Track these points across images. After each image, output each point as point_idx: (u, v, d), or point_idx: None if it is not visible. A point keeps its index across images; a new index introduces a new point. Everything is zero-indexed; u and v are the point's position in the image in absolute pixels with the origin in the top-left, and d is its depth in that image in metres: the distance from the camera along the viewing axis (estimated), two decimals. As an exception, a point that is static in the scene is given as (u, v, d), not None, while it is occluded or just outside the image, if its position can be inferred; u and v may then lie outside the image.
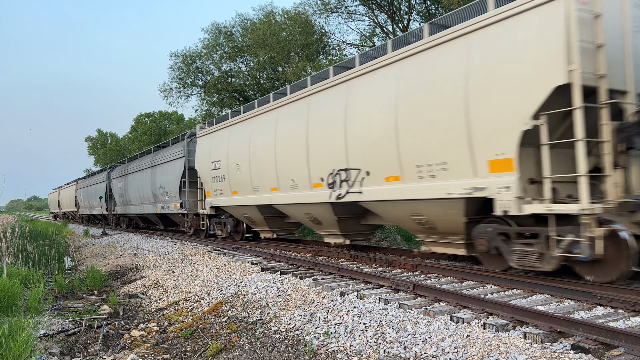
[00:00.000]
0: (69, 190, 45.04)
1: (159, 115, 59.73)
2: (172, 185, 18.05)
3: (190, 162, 16.88)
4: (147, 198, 21.41)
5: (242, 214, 13.77)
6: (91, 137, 69.99)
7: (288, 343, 5.54)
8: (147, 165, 21.52)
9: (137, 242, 18.66)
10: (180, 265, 11.68)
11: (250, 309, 7.10)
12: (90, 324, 7.48)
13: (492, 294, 6.30)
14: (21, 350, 5.13)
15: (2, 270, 9.14)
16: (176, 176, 17.63)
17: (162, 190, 19.12)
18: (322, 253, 11.05)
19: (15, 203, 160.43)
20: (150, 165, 20.87)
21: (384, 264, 9.03)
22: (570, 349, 4.08)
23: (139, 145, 55.16)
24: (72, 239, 24.90)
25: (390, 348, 4.76)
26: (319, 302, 6.50)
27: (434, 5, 21.32)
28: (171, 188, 18.10)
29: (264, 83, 28.23)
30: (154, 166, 20.44)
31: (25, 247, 13.88)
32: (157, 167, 19.88)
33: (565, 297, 5.82)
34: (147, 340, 6.84)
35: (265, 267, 9.41)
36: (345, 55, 25.48)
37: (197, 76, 30.25)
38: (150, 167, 20.86)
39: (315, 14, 24.42)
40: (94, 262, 15.09)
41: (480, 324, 4.89)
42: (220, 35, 28.54)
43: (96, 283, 10.85)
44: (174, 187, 17.73)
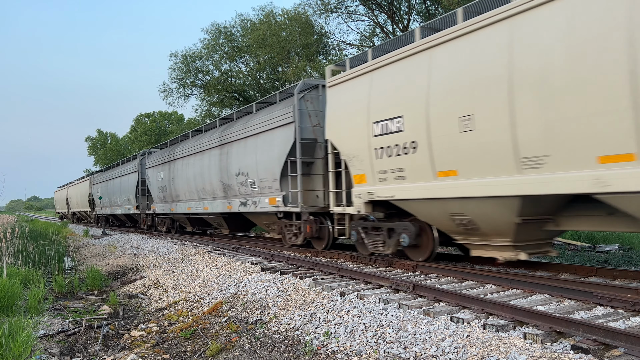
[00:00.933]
0: (80, 187, 38.76)
1: (159, 116, 59.76)
2: (266, 169, 11.97)
3: (302, 130, 10.92)
4: (210, 191, 15.55)
5: (451, 215, 7.52)
6: (91, 137, 70.02)
7: (288, 343, 5.54)
8: (211, 144, 15.39)
9: (137, 242, 18.66)
10: (180, 266, 11.68)
11: (250, 309, 7.10)
12: (90, 324, 7.48)
13: (492, 294, 6.30)
14: (21, 351, 5.13)
15: (2, 270, 9.14)
16: (277, 155, 11.48)
17: (244, 178, 13.18)
18: (322, 253, 11.04)
19: (15, 203, 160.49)
20: (219, 143, 14.78)
21: (384, 264, 9.03)
22: (570, 349, 4.08)
23: (139, 145, 55.13)
24: (72, 239, 24.90)
25: (390, 348, 4.76)
26: (319, 302, 6.50)
27: (434, 6, 21.32)
28: (265, 174, 12.10)
29: (264, 83, 28.24)
30: (226, 144, 14.34)
31: (25, 247, 13.87)
32: (234, 145, 13.77)
33: (565, 297, 5.82)
34: (147, 340, 6.83)
35: (265, 267, 9.41)
36: (345, 55, 25.48)
37: (197, 76, 30.26)
38: (219, 147, 14.82)
39: (315, 14, 24.44)
40: (94, 262, 15.09)
41: (480, 324, 4.89)
42: (220, 35, 28.56)
43: (96, 283, 10.85)
44: (270, 171, 11.77)
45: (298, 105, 10.86)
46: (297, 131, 10.78)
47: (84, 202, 37.20)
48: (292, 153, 11.01)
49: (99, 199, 32.30)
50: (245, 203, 13.29)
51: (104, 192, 30.06)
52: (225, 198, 14.56)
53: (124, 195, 25.43)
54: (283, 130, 11.31)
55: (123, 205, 26.01)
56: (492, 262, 8.47)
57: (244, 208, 13.41)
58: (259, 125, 12.52)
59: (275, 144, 11.64)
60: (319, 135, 10.89)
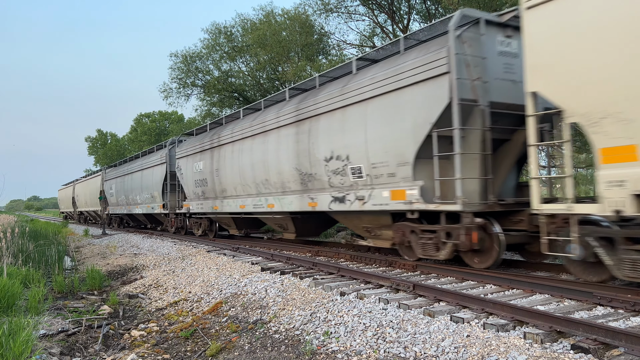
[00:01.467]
0: (90, 184, 34.97)
1: (159, 115, 59.76)
2: (387, 149, 8.44)
3: (462, 86, 7.42)
4: (278, 183, 11.79)
5: None
6: (91, 137, 69.99)
7: (288, 343, 5.54)
8: (280, 121, 11.64)
9: (137, 242, 18.65)
10: (180, 265, 11.68)
11: (250, 309, 7.10)
12: (90, 324, 7.48)
13: (492, 294, 6.30)
14: (21, 350, 5.13)
15: (2, 270, 9.14)
16: (410, 126, 8.04)
17: (340, 164, 9.58)
18: (322, 253, 11.05)
19: (15, 203, 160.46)
20: (295, 119, 11.06)
21: (384, 264, 9.03)
22: (570, 349, 4.08)
23: (138, 145, 55.12)
24: (72, 238, 24.90)
25: (390, 348, 4.76)
26: (319, 302, 6.50)
27: (434, 6, 21.32)
28: (383, 156, 8.55)
29: (264, 83, 28.24)
30: (307, 119, 10.63)
31: (25, 247, 13.87)
32: (322, 119, 10.10)
33: (565, 297, 5.82)
34: (147, 340, 6.83)
35: (265, 267, 9.41)
36: (345, 55, 25.49)
37: (197, 76, 30.25)
38: (294, 124, 11.09)
39: (315, 14, 24.42)
40: (94, 262, 15.09)
41: (480, 324, 4.89)
42: (220, 35, 28.54)
43: (96, 283, 10.85)
44: (395, 152, 8.28)
45: (455, 48, 7.25)
46: (456, 87, 7.17)
47: (93, 201, 33.32)
48: (443, 122, 7.47)
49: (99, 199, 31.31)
50: (342, 199, 9.60)
51: (119, 189, 26.12)
52: (303, 192, 10.91)
53: (146, 192, 21.61)
54: (425, 87, 7.70)
55: (144, 203, 22.02)
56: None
57: (339, 205, 9.67)
58: (373, 85, 8.68)
59: (407, 109, 8.03)
60: (480, 94, 7.43)
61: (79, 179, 41.34)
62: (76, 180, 42.57)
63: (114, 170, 28.65)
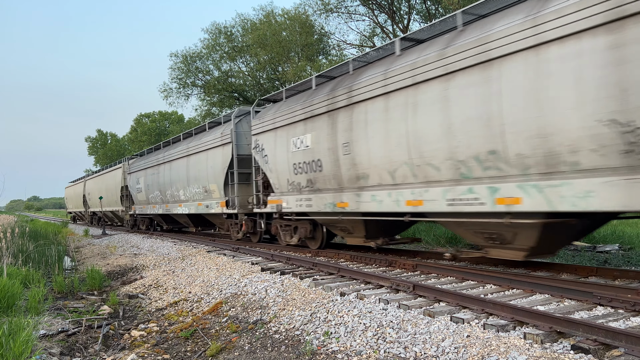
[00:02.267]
0: (106, 179, 29.05)
1: (159, 116, 59.79)
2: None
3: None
4: (538, 154, 5.87)
5: None
6: (91, 137, 70.04)
7: (288, 343, 5.54)
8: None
9: (137, 242, 18.65)
10: (180, 266, 11.68)
11: (250, 309, 7.10)
12: (90, 324, 7.48)
13: (492, 294, 6.30)
14: (21, 351, 5.13)
15: (2, 270, 9.14)
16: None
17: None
18: (322, 253, 11.04)
19: (15, 203, 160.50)
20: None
21: (384, 264, 9.03)
22: (571, 349, 4.08)
23: (139, 145, 55.12)
24: (72, 239, 24.91)
25: (391, 348, 4.76)
26: (319, 302, 6.50)
27: (434, 6, 21.32)
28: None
29: (264, 83, 28.25)
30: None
31: (25, 247, 13.88)
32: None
33: (565, 297, 5.82)
34: (147, 340, 6.83)
35: (265, 267, 9.41)
36: (345, 55, 25.49)
37: (197, 76, 30.26)
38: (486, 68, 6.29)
39: (315, 14, 24.44)
40: (94, 262, 15.09)
41: (480, 324, 4.89)
42: (220, 35, 28.57)
43: (96, 283, 10.86)
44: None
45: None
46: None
47: (112, 199, 27.84)
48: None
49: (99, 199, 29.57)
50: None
51: (150, 182, 20.52)
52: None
53: (196, 185, 16.14)
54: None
55: (192, 200, 16.64)
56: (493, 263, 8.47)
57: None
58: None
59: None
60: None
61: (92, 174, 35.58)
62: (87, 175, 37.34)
63: (141, 161, 22.68)
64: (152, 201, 20.90)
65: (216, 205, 14.92)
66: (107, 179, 28.86)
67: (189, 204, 16.88)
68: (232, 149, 13.78)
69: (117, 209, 27.34)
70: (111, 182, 27.80)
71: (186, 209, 17.20)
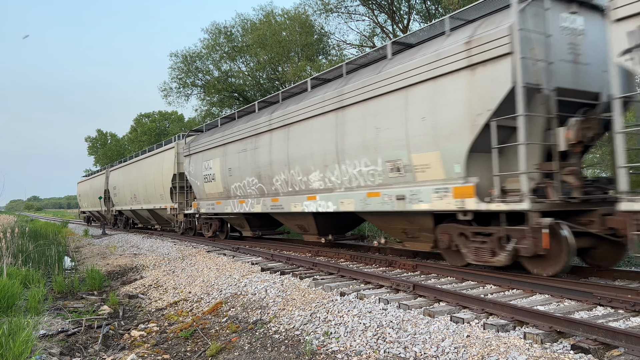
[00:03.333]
0: (145, 167, 22.12)
1: (159, 115, 59.73)
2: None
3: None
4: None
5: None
6: (91, 137, 69.98)
7: (288, 343, 5.54)
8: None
9: (137, 242, 18.65)
10: (180, 266, 11.68)
11: (250, 309, 7.09)
12: (90, 324, 7.48)
13: (492, 294, 6.30)
14: (21, 351, 5.13)
15: (2, 270, 9.14)
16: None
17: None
18: (322, 253, 11.04)
19: (15, 203, 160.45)
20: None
21: (384, 264, 9.03)
22: (571, 349, 4.08)
23: (139, 145, 55.11)
24: (72, 239, 24.90)
25: (390, 348, 4.76)
26: (319, 302, 6.50)
27: (434, 6, 21.32)
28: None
29: (264, 83, 28.24)
30: None
31: (25, 247, 13.87)
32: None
33: (565, 297, 5.82)
34: (147, 340, 6.83)
35: (265, 267, 9.40)
36: (345, 55, 25.49)
37: (197, 76, 30.26)
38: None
39: (315, 14, 24.43)
40: (94, 262, 15.09)
41: (480, 324, 4.89)
42: (220, 35, 28.56)
43: (96, 283, 10.85)
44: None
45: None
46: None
47: (157, 194, 20.41)
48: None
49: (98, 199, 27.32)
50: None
51: (237, 164, 13.70)
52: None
53: (367, 158, 9.04)
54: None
55: (344, 187, 9.70)
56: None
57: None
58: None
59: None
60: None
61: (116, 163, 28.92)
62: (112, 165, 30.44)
63: (213, 135, 15.42)
64: (236, 193, 14.03)
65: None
66: (147, 167, 21.76)
67: (335, 195, 9.85)
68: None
69: (161, 207, 19.95)
70: (154, 171, 20.62)
71: (330, 204, 10.05)
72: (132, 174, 23.82)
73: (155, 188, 20.51)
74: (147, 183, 21.51)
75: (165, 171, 19.53)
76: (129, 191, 24.19)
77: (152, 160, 21.46)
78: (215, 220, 16.47)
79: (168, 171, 19.26)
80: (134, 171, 23.74)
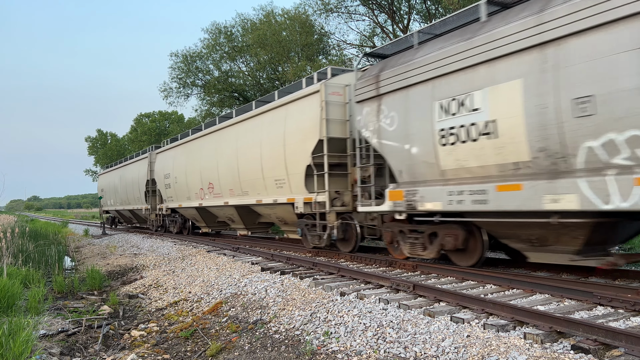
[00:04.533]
0: (243, 134, 13.51)
1: (159, 115, 59.70)
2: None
3: None
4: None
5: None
6: (91, 137, 69.95)
7: (288, 343, 5.54)
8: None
9: (137, 242, 18.65)
10: (180, 265, 11.68)
11: (250, 309, 7.09)
12: (90, 324, 7.48)
13: (492, 294, 6.30)
14: (21, 350, 5.13)
15: (2, 270, 9.14)
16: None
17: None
18: (322, 253, 11.04)
19: (15, 203, 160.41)
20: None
21: (384, 264, 9.03)
22: (571, 349, 4.08)
23: (139, 145, 55.11)
24: (72, 239, 24.90)
25: (391, 348, 4.76)
26: (319, 302, 6.50)
27: (434, 5, 21.32)
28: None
29: (264, 83, 28.25)
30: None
31: (25, 247, 13.88)
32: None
33: (565, 297, 5.82)
34: (147, 340, 6.83)
35: (265, 267, 9.40)
36: (345, 55, 25.49)
37: (197, 76, 30.27)
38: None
39: (315, 14, 24.45)
40: (94, 262, 15.09)
41: (480, 324, 4.89)
42: (220, 35, 28.56)
43: (96, 283, 10.85)
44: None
45: None
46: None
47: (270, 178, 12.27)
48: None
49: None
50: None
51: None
52: None
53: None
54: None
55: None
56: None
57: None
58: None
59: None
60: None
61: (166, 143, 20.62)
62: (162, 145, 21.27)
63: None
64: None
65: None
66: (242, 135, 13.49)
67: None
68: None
69: (302, 199, 10.95)
70: (275, 133, 11.94)
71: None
72: (204, 154, 15.27)
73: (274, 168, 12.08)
74: (243, 163, 13.22)
75: (308, 133, 10.82)
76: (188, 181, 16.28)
77: (243, 127, 13.71)
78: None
79: (310, 135, 10.71)
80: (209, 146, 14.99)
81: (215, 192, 15.55)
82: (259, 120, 13.03)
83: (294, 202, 11.29)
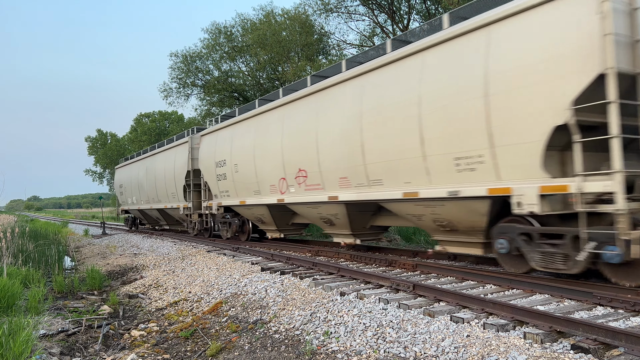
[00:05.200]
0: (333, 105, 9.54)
1: (159, 115, 59.69)
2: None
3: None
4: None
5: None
6: (91, 137, 69.93)
7: (288, 343, 5.54)
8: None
9: (137, 242, 18.65)
10: (180, 265, 11.68)
11: (250, 309, 7.10)
12: (90, 324, 7.48)
13: (492, 294, 6.30)
14: (21, 350, 5.13)
15: (2, 270, 9.14)
16: None
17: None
18: (322, 253, 11.04)
19: (15, 203, 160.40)
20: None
21: (384, 264, 9.03)
22: (570, 349, 4.08)
23: (139, 145, 55.12)
24: (72, 239, 24.90)
25: (390, 348, 4.76)
26: (319, 302, 6.50)
27: (434, 5, 21.33)
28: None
29: (264, 83, 28.25)
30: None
31: (25, 247, 13.88)
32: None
33: (565, 297, 5.82)
34: (147, 340, 6.84)
35: (265, 267, 9.40)
36: (344, 55, 25.48)
37: (197, 76, 30.27)
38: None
39: (315, 14, 24.46)
40: (94, 262, 15.09)
41: (480, 324, 4.89)
42: (220, 35, 28.57)
43: (96, 283, 10.86)
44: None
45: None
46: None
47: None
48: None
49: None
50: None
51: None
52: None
53: None
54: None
55: None
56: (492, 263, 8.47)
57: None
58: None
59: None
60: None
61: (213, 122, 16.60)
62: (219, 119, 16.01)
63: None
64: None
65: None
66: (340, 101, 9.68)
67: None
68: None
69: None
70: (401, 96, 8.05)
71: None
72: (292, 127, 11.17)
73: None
74: (377, 135, 8.95)
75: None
76: (287, 163, 11.39)
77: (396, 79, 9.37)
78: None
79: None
80: (301, 116, 10.85)
81: (309, 182, 10.58)
82: (420, 58, 7.78)
83: (511, 194, 6.46)
